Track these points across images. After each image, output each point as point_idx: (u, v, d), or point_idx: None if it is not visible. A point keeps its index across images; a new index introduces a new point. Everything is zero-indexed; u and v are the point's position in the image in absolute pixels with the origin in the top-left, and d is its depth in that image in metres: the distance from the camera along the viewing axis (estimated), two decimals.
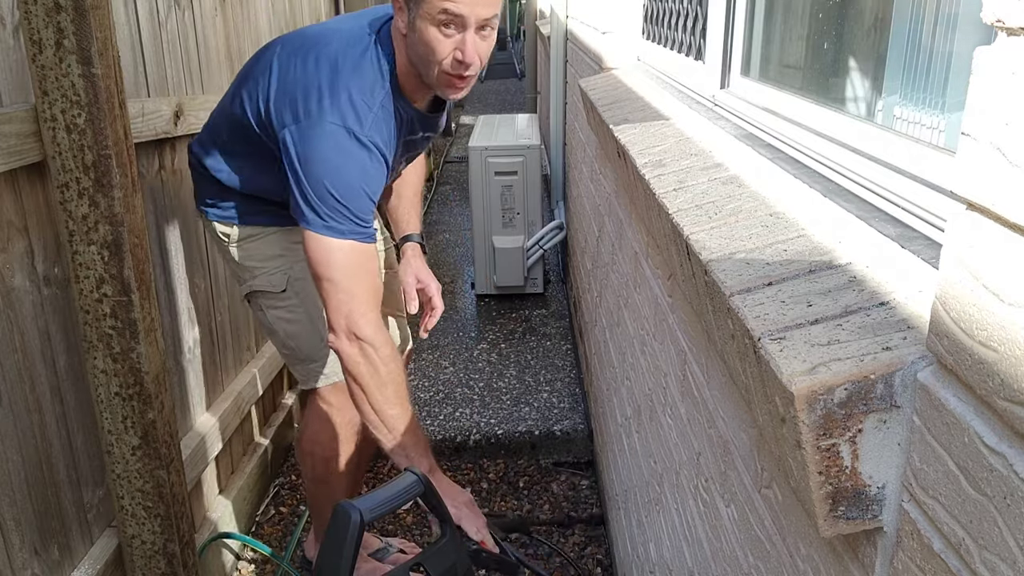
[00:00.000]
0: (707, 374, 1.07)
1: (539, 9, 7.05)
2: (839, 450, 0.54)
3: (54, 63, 1.39)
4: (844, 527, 0.56)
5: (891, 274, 0.66)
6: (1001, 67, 0.43)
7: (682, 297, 1.19)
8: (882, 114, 0.94)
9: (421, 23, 1.39)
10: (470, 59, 1.39)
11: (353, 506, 1.14)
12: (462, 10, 1.34)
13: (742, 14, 1.43)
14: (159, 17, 1.94)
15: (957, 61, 0.78)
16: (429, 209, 5.98)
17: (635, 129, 1.46)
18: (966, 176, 0.45)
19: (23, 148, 1.39)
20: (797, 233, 0.79)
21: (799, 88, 1.19)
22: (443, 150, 8.06)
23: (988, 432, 0.43)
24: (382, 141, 1.50)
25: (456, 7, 1.34)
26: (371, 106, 1.49)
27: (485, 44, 1.42)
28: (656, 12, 2.16)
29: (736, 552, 0.95)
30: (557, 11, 3.99)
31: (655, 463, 1.51)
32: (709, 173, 1.06)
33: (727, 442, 0.97)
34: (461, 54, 1.39)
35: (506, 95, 11.99)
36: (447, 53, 1.40)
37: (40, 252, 1.48)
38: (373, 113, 1.49)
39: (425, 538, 2.48)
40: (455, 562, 1.27)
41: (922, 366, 0.52)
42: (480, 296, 4.13)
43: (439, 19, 1.36)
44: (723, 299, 0.72)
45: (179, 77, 2.06)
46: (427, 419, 2.99)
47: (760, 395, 0.63)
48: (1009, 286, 0.41)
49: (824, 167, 0.98)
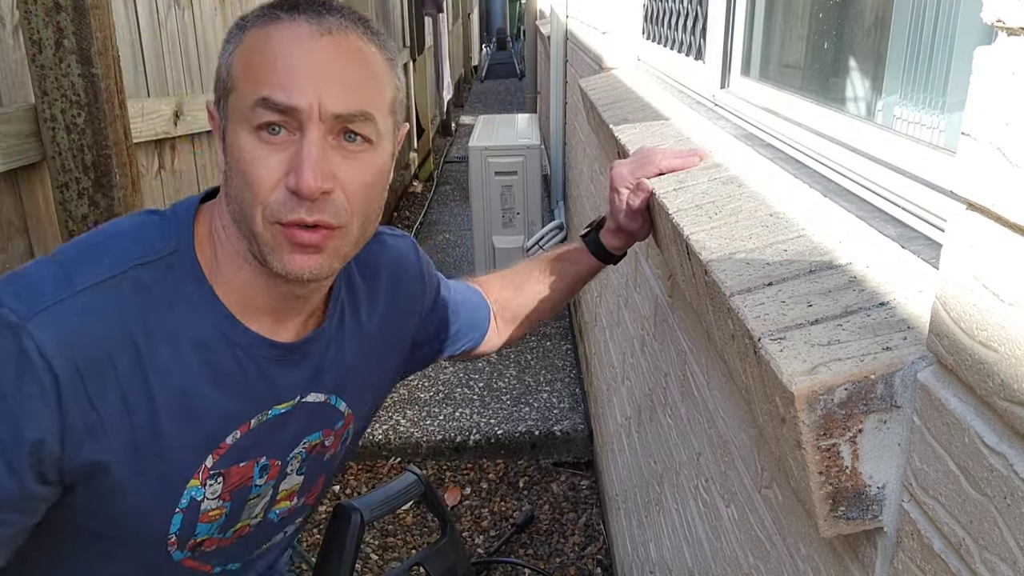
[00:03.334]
0: (707, 374, 1.07)
1: (539, 9, 7.05)
2: (839, 450, 0.54)
3: (54, 63, 1.39)
4: (844, 527, 0.56)
5: (891, 274, 0.66)
6: (1001, 67, 0.43)
7: (682, 297, 1.19)
8: (882, 114, 0.94)
9: (232, 134, 0.75)
10: (309, 186, 0.71)
11: (353, 506, 1.15)
12: (292, 99, 0.72)
13: (742, 14, 1.43)
14: (159, 17, 1.94)
15: (957, 61, 0.78)
16: (429, 209, 5.98)
17: (635, 129, 1.46)
18: (966, 176, 0.45)
19: (23, 148, 1.39)
20: (797, 233, 0.79)
21: (799, 88, 1.19)
22: (443, 150, 8.06)
23: (988, 432, 0.43)
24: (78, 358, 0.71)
25: (283, 94, 0.72)
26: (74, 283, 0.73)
27: (355, 168, 0.76)
28: (656, 12, 2.16)
29: (736, 552, 0.95)
30: (557, 11, 3.99)
31: (655, 463, 1.51)
32: (709, 173, 1.06)
33: (727, 442, 0.97)
34: (295, 177, 0.72)
35: (506, 95, 12.00)
36: (274, 179, 0.73)
37: (40, 252, 1.48)
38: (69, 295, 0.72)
39: (425, 538, 2.48)
40: (455, 562, 1.27)
41: (922, 366, 0.52)
42: None
43: (256, 118, 0.73)
44: (723, 299, 0.72)
45: (179, 77, 2.06)
46: (427, 419, 2.99)
47: (760, 395, 0.63)
48: (1009, 286, 0.41)
49: (824, 167, 0.98)
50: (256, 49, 0.74)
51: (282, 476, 0.91)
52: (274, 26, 0.74)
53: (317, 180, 0.72)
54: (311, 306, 0.87)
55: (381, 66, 0.78)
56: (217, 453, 0.82)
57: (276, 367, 0.84)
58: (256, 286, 0.81)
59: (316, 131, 0.73)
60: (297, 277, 0.76)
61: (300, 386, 0.88)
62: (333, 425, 0.94)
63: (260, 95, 0.72)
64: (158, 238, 0.79)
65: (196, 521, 0.84)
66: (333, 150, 0.74)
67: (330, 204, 0.74)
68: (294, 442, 0.90)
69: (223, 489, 0.85)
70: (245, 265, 0.80)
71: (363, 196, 0.77)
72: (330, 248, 0.76)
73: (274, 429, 0.87)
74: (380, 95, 0.77)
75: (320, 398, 0.91)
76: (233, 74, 0.76)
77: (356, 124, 0.75)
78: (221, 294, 0.80)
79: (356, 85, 0.75)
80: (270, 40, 0.74)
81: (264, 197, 0.73)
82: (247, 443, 0.84)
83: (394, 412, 3.06)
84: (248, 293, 0.81)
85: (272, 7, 0.77)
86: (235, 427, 0.83)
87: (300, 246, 0.75)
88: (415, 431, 2.92)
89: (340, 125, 0.74)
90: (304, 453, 0.92)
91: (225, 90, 0.76)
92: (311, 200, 0.73)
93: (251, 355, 0.82)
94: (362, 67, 0.76)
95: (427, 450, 2.86)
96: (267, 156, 0.73)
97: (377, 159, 0.78)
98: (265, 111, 0.72)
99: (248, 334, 0.81)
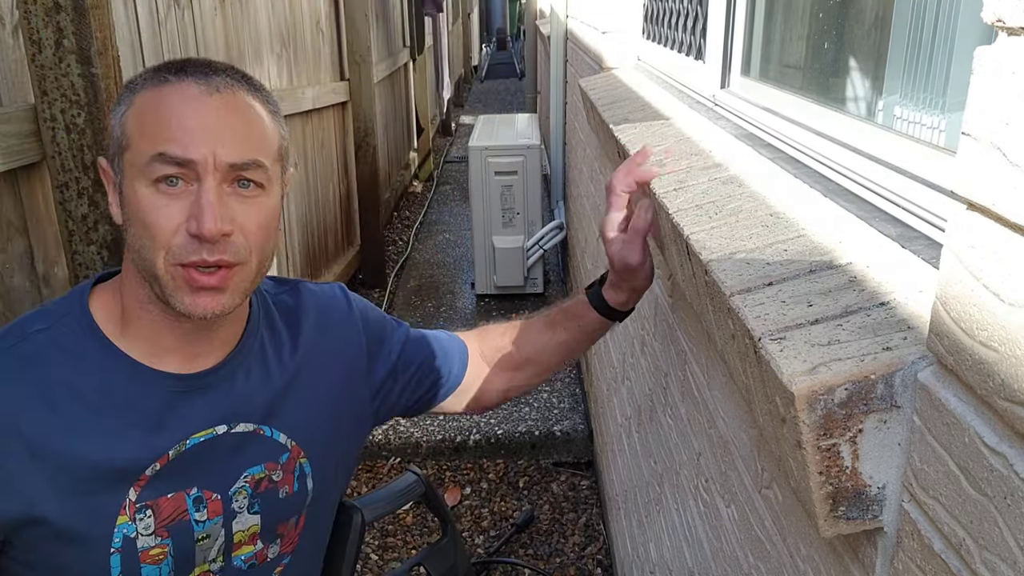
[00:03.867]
0: (707, 374, 1.07)
1: (539, 9, 7.05)
2: (839, 450, 0.54)
3: (53, 63, 1.39)
4: (844, 527, 0.56)
5: (891, 274, 0.66)
6: (1001, 67, 0.43)
7: (682, 297, 1.19)
8: (882, 114, 0.94)
9: (130, 188, 0.81)
10: (210, 229, 0.77)
11: (354, 506, 1.15)
12: (188, 152, 0.78)
13: (742, 14, 1.43)
14: (159, 17, 1.94)
15: (957, 61, 0.78)
16: (429, 209, 5.98)
17: (635, 129, 1.46)
18: (966, 176, 0.45)
19: (23, 148, 1.39)
20: (797, 233, 0.79)
21: (799, 88, 1.19)
22: (443, 150, 8.06)
23: (988, 432, 0.43)
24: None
25: (179, 149, 0.78)
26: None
27: (251, 210, 0.82)
28: (656, 12, 2.16)
29: (736, 552, 0.95)
30: (557, 11, 3.99)
31: (655, 463, 1.51)
32: (709, 173, 1.06)
33: (727, 442, 0.97)
34: (196, 222, 0.78)
35: (506, 95, 11.99)
36: (174, 226, 0.79)
37: (40, 252, 1.48)
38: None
39: (425, 538, 2.48)
40: (455, 562, 1.27)
41: (922, 366, 0.52)
42: (480, 296, 4.13)
43: (154, 172, 0.79)
44: (723, 299, 0.72)
45: None
46: (427, 419, 2.99)
47: (760, 395, 0.63)
48: (1009, 286, 0.41)
49: (824, 167, 0.98)
50: (149, 109, 0.81)
51: (230, 514, 0.92)
52: (165, 88, 0.81)
53: (217, 223, 0.78)
54: (221, 339, 0.91)
55: (267, 118, 0.86)
56: (138, 485, 0.85)
57: (182, 398, 0.88)
58: (162, 327, 0.87)
59: (212, 180, 0.79)
60: (201, 316, 0.82)
61: (218, 415, 0.91)
62: (276, 459, 0.96)
63: (157, 151, 0.78)
64: (53, 309, 0.87)
65: (137, 562, 0.86)
66: (229, 196, 0.81)
67: (230, 245, 0.81)
68: (232, 474, 0.92)
69: (156, 524, 0.87)
70: (150, 307, 0.86)
71: (260, 236, 0.84)
72: (231, 286, 0.83)
73: (199, 459, 0.89)
74: (268, 144, 0.85)
75: (249, 427, 0.93)
76: (128, 132, 0.81)
77: (249, 172, 0.82)
78: (127, 342, 0.86)
79: (246, 137, 0.82)
80: (162, 101, 0.81)
81: (166, 241, 0.79)
82: (168, 473, 0.87)
83: None
84: (156, 335, 0.87)
85: (159, 71, 0.83)
86: (152, 459, 0.86)
87: (197, 285, 0.81)
88: (415, 431, 2.92)
89: (234, 174, 0.81)
90: (249, 488, 0.94)
91: (120, 148, 0.82)
92: (212, 242, 0.79)
93: (155, 390, 0.87)
94: (250, 120, 0.84)
95: (427, 450, 2.86)
96: (167, 205, 0.79)
97: (269, 202, 0.85)
98: (163, 165, 0.78)
99: (149, 372, 0.86)
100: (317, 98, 3.50)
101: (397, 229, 5.46)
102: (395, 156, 5.88)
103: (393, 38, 5.73)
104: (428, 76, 7.54)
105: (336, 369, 1.03)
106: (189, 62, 0.84)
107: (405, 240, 5.23)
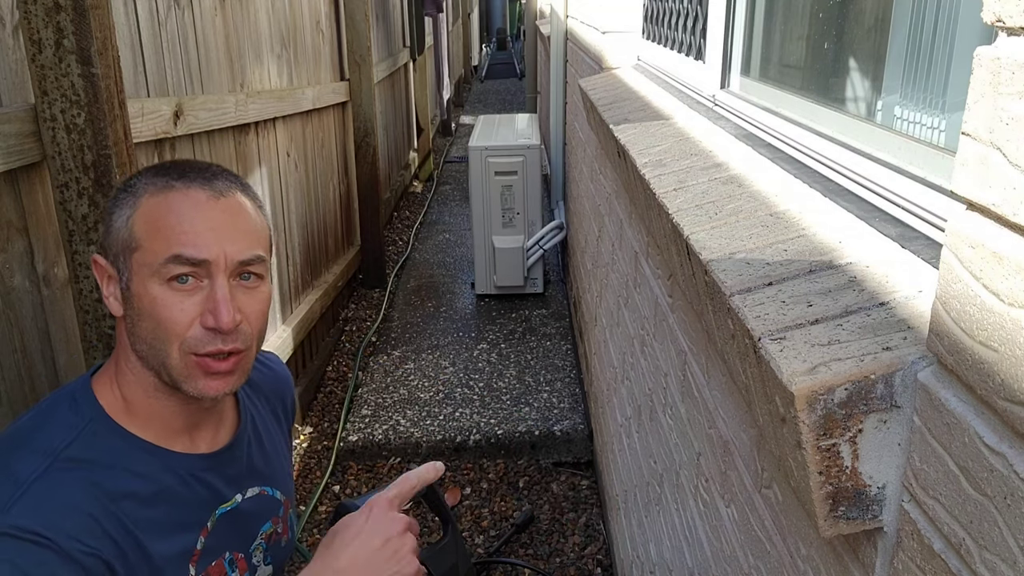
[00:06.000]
0: (707, 374, 1.07)
1: (539, 9, 7.05)
2: (839, 450, 0.54)
3: (54, 63, 1.39)
4: (844, 527, 0.56)
5: (891, 274, 0.66)
6: (1001, 67, 0.43)
7: (682, 297, 1.19)
8: (882, 114, 0.94)
9: (140, 286, 0.86)
10: (227, 323, 0.86)
11: (355, 505, 1.14)
12: (202, 253, 0.85)
13: (742, 14, 1.43)
14: (159, 17, 1.94)
15: (957, 61, 0.78)
16: (429, 209, 5.99)
17: (635, 129, 1.46)
18: (966, 176, 0.45)
19: (23, 148, 1.39)
20: (797, 233, 0.79)
21: (799, 88, 1.19)
22: (443, 150, 8.06)
23: (988, 432, 0.43)
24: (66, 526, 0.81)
25: (194, 250, 0.85)
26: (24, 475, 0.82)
27: (253, 300, 0.90)
28: (656, 12, 2.16)
29: (736, 552, 0.95)
30: (557, 11, 3.99)
31: (655, 463, 1.51)
32: (709, 173, 1.06)
33: (727, 442, 0.97)
34: (212, 317, 0.86)
35: (506, 95, 12.00)
36: (189, 320, 0.86)
37: (40, 252, 1.48)
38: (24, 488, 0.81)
39: (425, 538, 2.48)
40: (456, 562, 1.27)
41: (922, 366, 0.52)
42: (480, 296, 4.13)
43: (168, 272, 0.85)
44: (723, 299, 0.72)
45: (179, 77, 2.06)
46: (427, 419, 2.99)
47: (760, 395, 0.63)
48: (1009, 286, 0.41)
49: (824, 167, 0.98)
50: (160, 214, 0.87)
51: (252, 569, 1.03)
52: (172, 194, 0.88)
53: (232, 316, 0.86)
54: (219, 415, 1.01)
55: (258, 214, 0.94)
56: (194, 560, 0.94)
57: (211, 474, 0.97)
58: (169, 410, 0.93)
59: (223, 277, 0.87)
60: (213, 397, 0.90)
61: (237, 484, 1.01)
62: (277, 512, 1.08)
63: (172, 252, 0.85)
64: (73, 417, 0.90)
65: None
66: (235, 289, 0.89)
67: (240, 333, 0.89)
68: (252, 535, 1.03)
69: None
70: (157, 395, 0.92)
71: (261, 321, 0.93)
72: (239, 369, 0.91)
73: (230, 527, 0.99)
74: (263, 239, 0.93)
75: (256, 491, 1.05)
76: (137, 235, 0.87)
77: (252, 266, 0.90)
78: (139, 432, 0.92)
79: (248, 235, 0.91)
80: (171, 206, 0.87)
81: (181, 334, 0.86)
82: (212, 544, 0.96)
83: (394, 412, 3.06)
84: (163, 420, 0.94)
85: (161, 175, 0.90)
86: (198, 533, 0.95)
87: (214, 372, 0.88)
88: (415, 431, 2.92)
89: (241, 269, 0.89)
90: (264, 543, 1.05)
91: (129, 249, 0.88)
92: (227, 333, 0.87)
93: (189, 472, 0.95)
94: (248, 220, 0.92)
95: (427, 450, 2.86)
96: (181, 301, 0.86)
97: (266, 288, 0.94)
98: (177, 265, 0.85)
99: (178, 456, 0.94)
100: (317, 98, 3.50)
101: (397, 229, 5.46)
102: (395, 156, 5.88)
103: (393, 38, 5.74)
104: (428, 76, 7.54)
105: (280, 435, 1.18)
106: (188, 165, 0.91)
107: (405, 240, 5.23)
